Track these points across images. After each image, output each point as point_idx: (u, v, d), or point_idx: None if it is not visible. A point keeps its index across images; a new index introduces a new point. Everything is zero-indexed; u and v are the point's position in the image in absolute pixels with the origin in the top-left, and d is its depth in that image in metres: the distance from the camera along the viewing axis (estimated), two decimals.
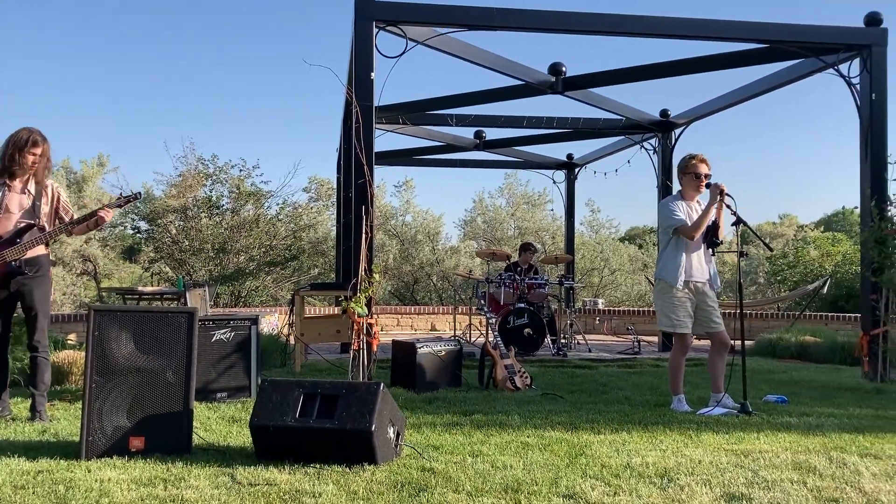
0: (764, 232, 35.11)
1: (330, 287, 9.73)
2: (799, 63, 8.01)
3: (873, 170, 7.17)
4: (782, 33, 7.25)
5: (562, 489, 3.35)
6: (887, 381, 6.88)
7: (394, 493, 3.30)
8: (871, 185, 7.15)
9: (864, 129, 7.24)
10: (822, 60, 7.46)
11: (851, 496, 3.28)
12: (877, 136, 7.18)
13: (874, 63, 7.16)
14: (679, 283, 5.46)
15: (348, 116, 6.77)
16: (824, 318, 12.44)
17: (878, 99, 7.19)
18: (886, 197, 7.12)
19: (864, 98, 7.23)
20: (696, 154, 5.65)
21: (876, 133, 7.18)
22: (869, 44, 7.18)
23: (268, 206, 18.00)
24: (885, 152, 7.19)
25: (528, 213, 22.08)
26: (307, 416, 3.87)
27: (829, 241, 19.91)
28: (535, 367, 8.08)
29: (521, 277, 9.95)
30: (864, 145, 7.28)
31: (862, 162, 7.32)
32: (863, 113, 7.25)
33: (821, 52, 7.40)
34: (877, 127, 7.18)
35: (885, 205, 7.06)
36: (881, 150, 7.19)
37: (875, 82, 7.17)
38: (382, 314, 13.70)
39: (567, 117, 10.89)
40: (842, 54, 7.34)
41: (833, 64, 7.42)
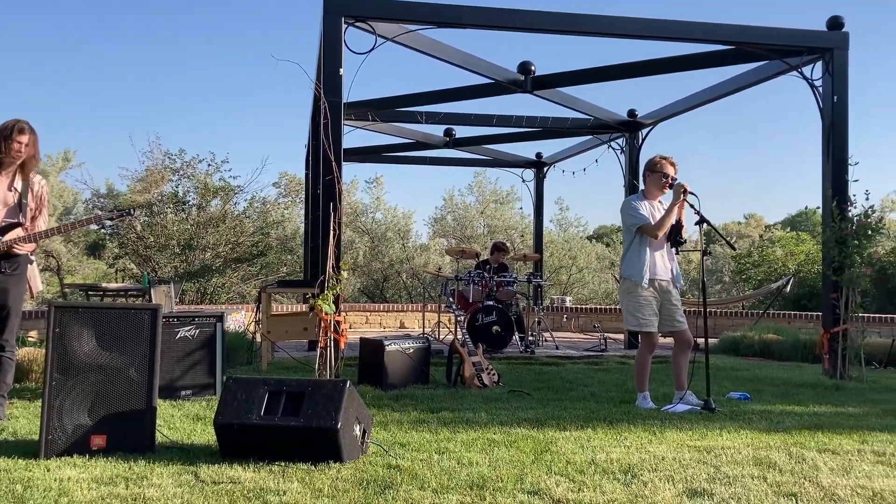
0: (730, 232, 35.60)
1: (297, 284, 9.68)
2: (764, 65, 8.12)
3: (834, 171, 7.30)
4: (748, 35, 7.35)
5: (527, 485, 3.37)
6: (846, 378, 7.02)
7: (359, 490, 3.30)
8: (833, 185, 7.27)
9: (826, 131, 7.37)
10: (786, 63, 7.58)
11: (809, 490, 3.34)
12: (838, 138, 7.32)
13: (836, 66, 7.29)
14: (644, 282, 5.52)
15: (317, 112, 6.72)
16: (787, 317, 12.66)
17: (840, 101, 7.32)
18: (847, 198, 7.24)
19: (827, 100, 7.36)
20: (666, 155, 5.71)
21: (837, 135, 7.31)
22: (831, 47, 7.30)
23: (235, 202, 17.84)
24: (845, 154, 7.33)
25: (497, 211, 22.15)
26: (272, 413, 3.84)
27: (793, 241, 20.24)
28: (502, 364, 8.11)
29: (489, 275, 9.98)
30: (825, 147, 7.41)
31: (824, 163, 7.45)
32: (825, 115, 7.38)
33: (785, 54, 7.52)
34: (838, 129, 7.32)
35: (845, 205, 7.19)
36: (842, 152, 7.32)
37: (837, 85, 7.30)
38: (351, 312, 13.66)
39: (536, 116, 10.94)
40: (805, 57, 7.47)
41: (796, 66, 7.54)
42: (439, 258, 19.70)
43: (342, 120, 6.49)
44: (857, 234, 7.03)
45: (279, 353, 8.27)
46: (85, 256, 24.66)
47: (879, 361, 8.75)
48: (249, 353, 7.95)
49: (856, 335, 7.13)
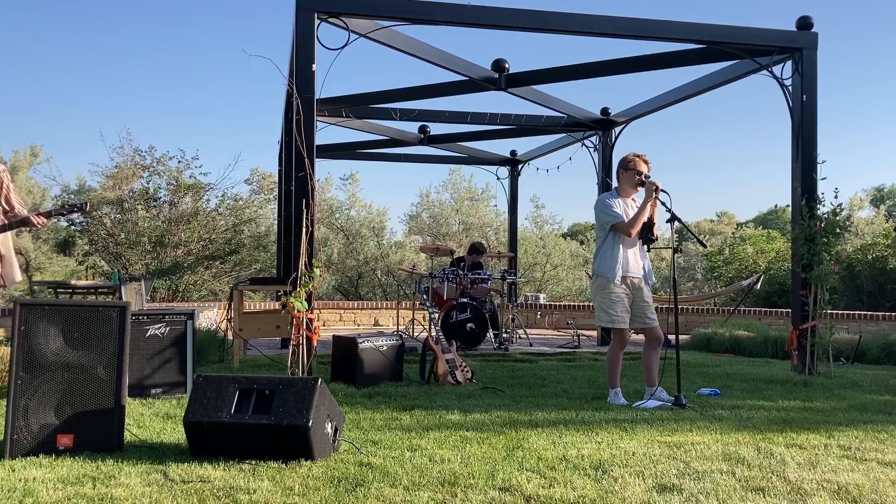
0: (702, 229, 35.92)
1: (270, 282, 9.60)
2: (735, 64, 8.20)
3: (804, 169, 7.39)
4: (719, 35, 7.41)
5: (498, 482, 3.37)
6: (815, 373, 7.11)
7: (330, 488, 3.28)
8: (802, 183, 7.36)
9: (796, 130, 7.46)
10: (757, 62, 7.66)
11: (777, 485, 3.39)
12: (807, 137, 7.41)
13: (805, 66, 7.38)
14: (616, 279, 5.55)
15: (290, 108, 6.67)
16: (758, 314, 12.81)
17: (809, 100, 7.41)
18: (816, 196, 7.34)
19: (796, 99, 7.45)
20: (639, 153, 5.75)
21: (806, 133, 7.40)
22: (801, 47, 7.39)
23: (207, 198, 17.64)
24: (814, 152, 7.42)
25: (472, 208, 22.16)
26: (243, 411, 3.81)
27: (763, 239, 20.46)
28: (476, 361, 8.13)
29: (464, 272, 9.99)
30: (795, 145, 7.50)
31: (793, 161, 7.54)
32: (794, 114, 7.47)
33: (756, 53, 7.60)
34: (807, 127, 7.40)
35: (814, 203, 7.29)
36: (811, 150, 7.41)
37: (806, 84, 7.39)
38: (325, 309, 13.60)
39: (510, 114, 10.96)
40: (775, 56, 7.54)
41: (767, 66, 7.62)
42: (414, 255, 19.68)
43: (315, 116, 6.45)
44: (826, 232, 7.13)
45: (251, 350, 8.21)
46: (55, 254, 24.31)
47: (847, 357, 8.89)
48: (221, 350, 7.88)
49: (824, 331, 7.23)
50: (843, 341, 9.14)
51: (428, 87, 9.65)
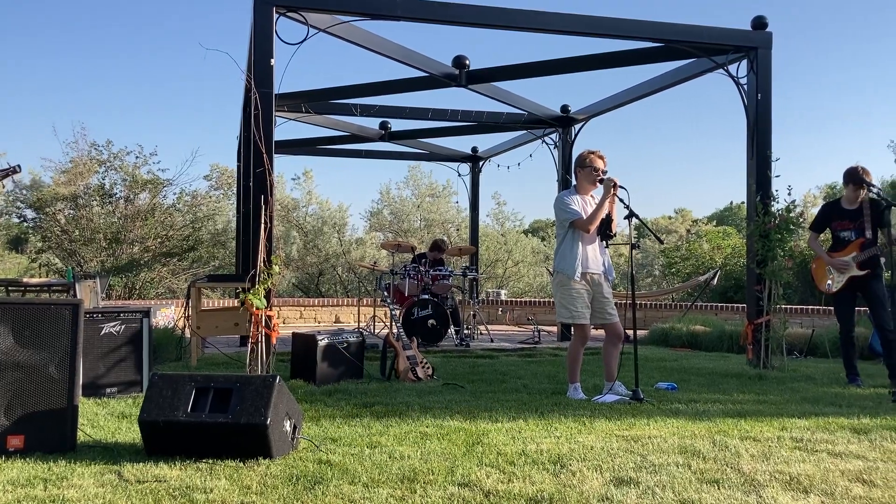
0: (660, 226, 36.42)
1: (228, 279, 9.50)
2: (692, 62, 8.32)
3: (759, 167, 7.52)
4: (676, 33, 7.50)
5: (457, 477, 3.38)
6: (769, 367, 7.25)
7: (288, 486, 3.26)
8: (757, 181, 7.50)
9: (751, 128, 7.60)
10: (713, 60, 7.78)
11: (731, 477, 3.44)
12: (762, 135, 7.54)
13: (760, 64, 7.51)
14: (577, 275, 5.60)
15: (248, 103, 6.60)
16: (714, 309, 13.03)
17: (764, 99, 7.54)
18: (770, 193, 7.47)
19: (751, 98, 7.58)
20: (595, 150, 5.80)
21: (761, 131, 7.54)
22: (755, 46, 7.52)
23: (164, 194, 17.38)
24: (769, 150, 7.56)
25: (433, 204, 22.18)
26: (199, 410, 3.76)
27: (719, 235, 20.84)
28: (437, 357, 8.14)
29: (425, 269, 9.99)
30: (750, 143, 7.63)
31: (748, 159, 7.67)
32: (749, 112, 7.60)
33: (712, 52, 7.71)
34: (762, 126, 7.54)
35: (768, 200, 7.42)
36: (766, 148, 7.55)
37: (761, 83, 7.53)
38: (285, 306, 13.49)
39: (471, 111, 10.98)
40: (731, 55, 7.67)
41: (723, 64, 7.74)
42: (376, 252, 19.63)
43: (273, 111, 6.39)
44: (780, 229, 7.27)
45: (210, 348, 8.11)
46: (6, 251, 23.72)
47: (800, 351, 9.09)
48: (179, 349, 7.77)
49: (778, 326, 7.37)
50: (796, 335, 9.34)
51: (388, 83, 9.62)
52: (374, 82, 9.67)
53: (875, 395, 5.92)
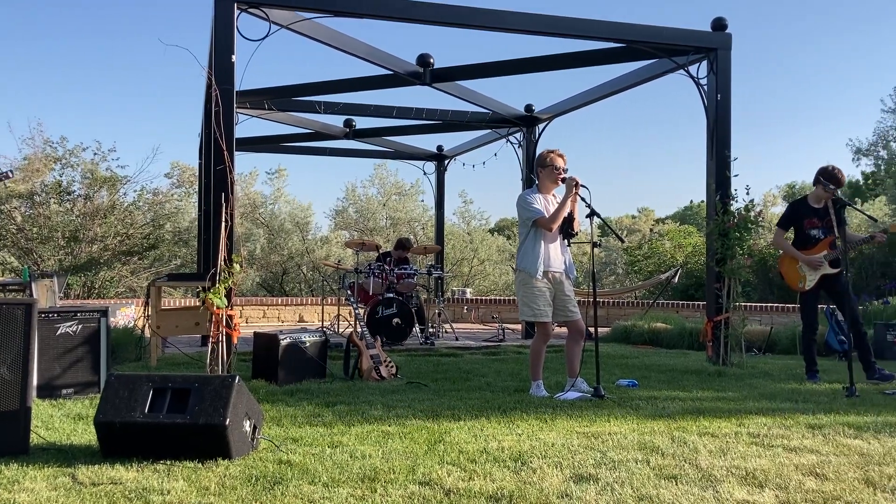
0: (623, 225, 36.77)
1: (188, 278, 9.38)
2: (654, 63, 8.41)
3: (718, 166, 7.63)
4: (638, 34, 7.57)
5: (419, 476, 3.38)
6: (728, 364, 7.36)
7: (248, 487, 3.22)
8: (716, 180, 7.60)
9: (711, 128, 7.70)
10: (674, 61, 7.87)
11: (689, 472, 3.49)
12: (721, 135, 7.65)
13: (720, 65, 7.61)
14: (539, 274, 5.62)
15: (209, 100, 6.51)
16: (675, 306, 13.20)
17: (723, 99, 7.65)
18: (729, 192, 7.58)
19: (711, 98, 7.68)
20: (554, 149, 5.84)
21: (721, 131, 7.65)
22: (715, 47, 7.62)
23: (124, 192, 17.08)
24: (728, 150, 7.66)
25: (399, 203, 22.12)
26: (157, 411, 3.71)
27: (681, 234, 21.11)
28: (402, 356, 8.12)
29: (390, 268, 9.96)
30: (710, 143, 7.73)
31: (708, 159, 7.77)
32: (709, 112, 7.70)
33: (673, 53, 7.80)
34: (721, 126, 7.65)
35: (728, 199, 7.53)
36: (725, 148, 7.65)
37: (720, 84, 7.63)
38: (248, 306, 13.37)
39: (436, 109, 10.98)
40: (691, 56, 7.76)
41: (683, 65, 7.83)
42: (341, 251, 19.52)
43: (234, 108, 6.32)
44: (739, 227, 7.38)
45: (170, 348, 8.00)
46: None
47: (759, 348, 9.24)
48: (139, 349, 7.66)
49: (737, 323, 7.49)
50: (755, 332, 9.49)
51: (352, 80, 9.57)
52: (338, 80, 9.61)
53: (830, 391, 6.04)
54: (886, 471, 3.53)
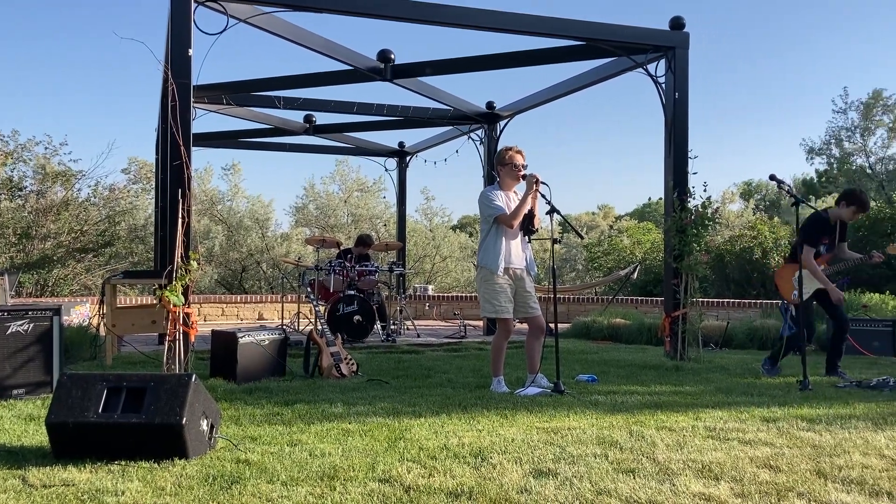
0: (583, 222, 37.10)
1: (144, 275, 9.23)
2: (613, 61, 8.48)
3: (676, 164, 7.73)
4: (597, 32, 7.62)
5: (378, 473, 3.36)
6: (686, 358, 7.47)
7: (205, 486, 3.18)
8: (674, 177, 7.70)
9: (669, 126, 7.79)
10: (633, 60, 7.94)
11: (646, 466, 3.53)
12: (679, 132, 7.75)
13: (678, 64, 7.71)
14: (500, 270, 5.64)
15: (166, 94, 6.40)
16: (634, 302, 13.35)
17: (681, 97, 7.75)
18: (687, 189, 7.69)
19: (669, 96, 7.77)
20: (512, 146, 5.86)
21: (678, 129, 7.74)
22: (673, 46, 7.71)
23: (79, 188, 16.72)
24: (686, 147, 7.77)
25: (361, 200, 22.02)
26: (111, 410, 3.64)
27: (640, 231, 21.38)
28: (363, 353, 8.09)
29: (351, 265, 9.91)
30: (668, 140, 7.83)
31: (666, 156, 7.87)
32: (667, 110, 7.80)
33: (631, 51, 7.87)
34: (679, 123, 7.75)
35: (685, 196, 7.63)
36: (683, 145, 7.76)
37: (678, 82, 7.73)
38: (206, 303, 13.19)
39: (397, 105, 10.95)
40: (650, 55, 7.85)
41: (642, 63, 7.91)
42: (301, 248, 19.38)
43: (191, 103, 6.22)
44: (696, 224, 7.49)
45: (126, 347, 7.86)
46: None
47: (716, 343, 9.39)
48: (94, 348, 7.51)
49: (694, 318, 7.60)
50: (712, 328, 9.65)
51: (312, 75, 9.50)
52: (298, 75, 9.53)
53: (784, 385, 6.17)
54: (837, 462, 3.61)
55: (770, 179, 6.74)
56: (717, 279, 16.07)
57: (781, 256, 15.65)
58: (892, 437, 4.16)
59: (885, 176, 27.30)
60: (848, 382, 6.19)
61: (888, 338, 8.50)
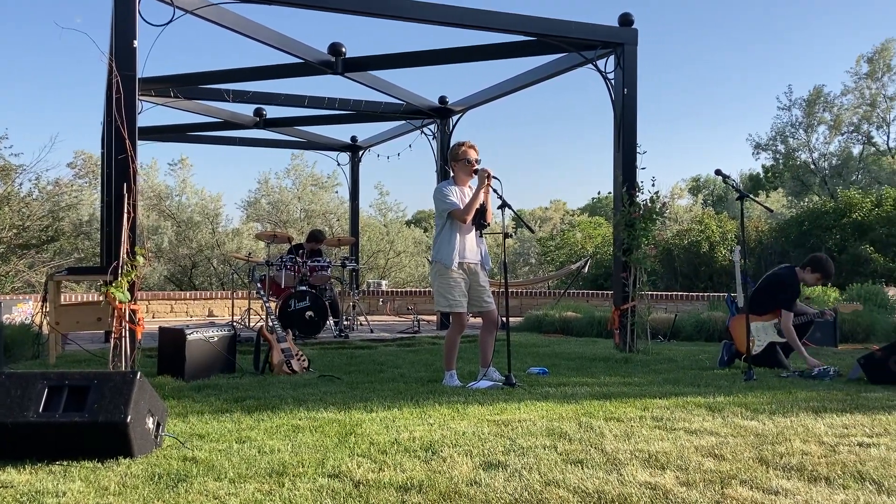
0: (536, 216, 37.38)
1: (89, 271, 9.02)
2: (563, 57, 8.55)
3: (625, 158, 7.83)
4: (547, 28, 7.67)
5: (328, 469, 3.35)
6: (634, 350, 7.59)
7: (150, 485, 3.12)
8: (623, 172, 7.80)
9: (618, 121, 7.89)
10: (583, 56, 8.02)
11: (594, 457, 3.58)
12: (628, 128, 7.85)
13: (626, 60, 7.81)
14: (454, 265, 5.66)
15: (111, 87, 6.26)
16: (585, 295, 13.51)
17: (630, 93, 7.85)
18: (635, 184, 7.80)
19: (618, 92, 7.87)
20: (465, 141, 5.88)
21: (627, 125, 7.85)
22: (622, 42, 7.80)
23: (20, 182, 16.26)
24: (634, 143, 7.88)
25: (315, 195, 21.86)
26: (53, 410, 3.55)
27: (591, 225, 21.65)
28: (315, 349, 8.04)
29: (302, 260, 9.82)
30: (617, 136, 7.93)
31: (615, 151, 7.97)
32: (616, 106, 7.89)
33: (581, 47, 7.95)
34: (628, 119, 7.85)
35: (634, 191, 7.74)
36: (632, 141, 7.86)
37: (627, 78, 7.82)
38: (154, 300, 12.97)
39: (349, 99, 10.88)
40: (599, 51, 7.93)
41: (592, 60, 7.99)
42: (252, 243, 19.16)
43: (137, 95, 6.10)
44: (644, 218, 7.60)
45: (71, 345, 7.69)
46: None
47: (664, 335, 9.56)
48: (36, 346, 7.33)
49: (643, 311, 7.72)
50: (660, 320, 9.82)
51: (262, 68, 9.39)
52: (247, 67, 9.41)
53: (730, 375, 6.30)
54: (778, 449, 3.71)
55: (716, 174, 6.88)
56: (665, 272, 16.36)
57: (728, 250, 15.98)
58: (831, 425, 4.28)
59: (828, 171, 28.08)
60: (791, 372, 6.36)
61: (829, 329, 8.74)
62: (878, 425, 4.28)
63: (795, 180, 28.24)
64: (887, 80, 27.44)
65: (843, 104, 28.12)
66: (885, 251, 15.59)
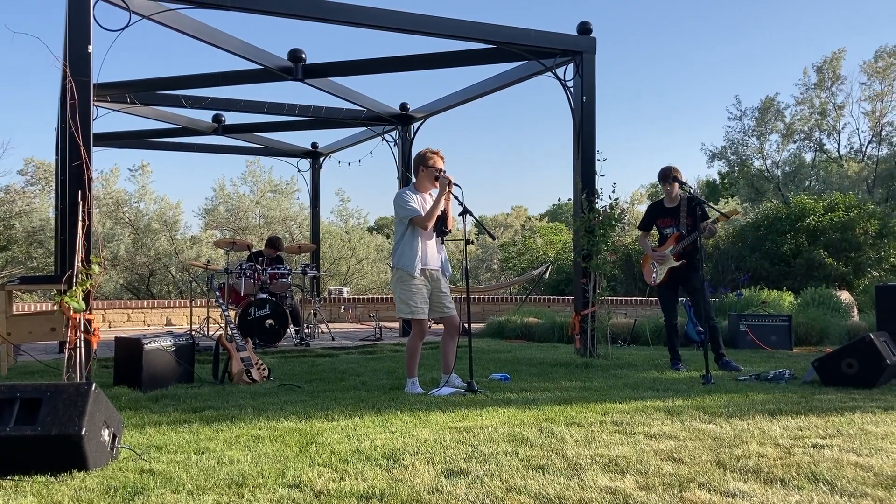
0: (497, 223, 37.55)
1: (43, 280, 8.81)
2: (524, 65, 8.62)
3: (584, 165, 7.91)
4: (507, 36, 7.71)
5: (289, 479, 3.31)
6: (595, 355, 7.66)
7: (105, 499, 3.06)
8: (583, 179, 7.88)
9: (577, 129, 7.97)
10: (542, 64, 8.09)
11: (555, 462, 3.60)
12: (587, 135, 7.93)
13: (585, 68, 7.89)
14: (416, 271, 5.66)
15: (65, 92, 6.14)
16: (547, 301, 13.60)
17: (588, 101, 7.93)
18: (595, 190, 7.88)
19: (577, 100, 7.95)
20: (435, 150, 5.88)
21: (586, 132, 7.93)
22: (581, 50, 7.89)
23: None
24: (594, 149, 7.96)
25: (274, 201, 21.68)
26: (4, 423, 3.45)
27: (552, 231, 21.81)
28: (276, 358, 7.96)
29: (262, 267, 9.73)
30: (576, 143, 8.01)
31: (575, 158, 8.05)
32: (575, 113, 7.97)
33: (540, 55, 8.01)
34: (587, 126, 7.93)
35: (593, 197, 7.82)
36: (591, 148, 7.94)
37: (586, 86, 7.91)
38: (111, 309, 12.73)
39: (309, 105, 10.84)
40: (559, 59, 8.01)
41: (551, 67, 8.06)
42: (211, 251, 18.92)
43: (92, 101, 5.99)
44: (603, 224, 7.68)
45: (24, 356, 7.51)
46: None
47: (624, 340, 9.65)
48: None
49: (603, 316, 7.80)
50: (620, 325, 9.91)
51: (220, 74, 9.30)
52: (206, 73, 9.31)
53: (689, 379, 6.39)
54: (736, 452, 3.77)
55: (673, 182, 6.99)
56: (625, 278, 16.51)
57: None
58: (786, 427, 4.37)
59: (781, 178, 28.67)
60: (747, 376, 6.47)
61: (785, 332, 8.92)
62: (832, 427, 4.38)
63: (750, 187, 28.76)
64: (836, 90, 28.09)
65: (795, 113, 28.75)
66: (837, 256, 15.95)
